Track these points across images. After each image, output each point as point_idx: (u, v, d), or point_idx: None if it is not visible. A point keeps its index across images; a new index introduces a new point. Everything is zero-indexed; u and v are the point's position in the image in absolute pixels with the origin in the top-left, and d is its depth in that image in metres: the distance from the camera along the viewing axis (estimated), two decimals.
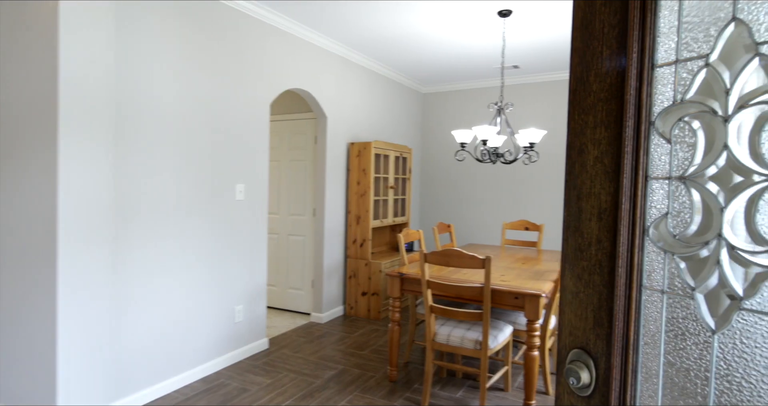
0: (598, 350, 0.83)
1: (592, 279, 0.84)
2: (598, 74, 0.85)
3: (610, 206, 0.82)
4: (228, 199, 3.23)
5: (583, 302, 0.86)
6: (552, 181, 5.30)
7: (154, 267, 2.72)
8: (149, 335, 2.71)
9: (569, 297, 0.88)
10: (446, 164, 5.99)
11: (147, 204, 2.66)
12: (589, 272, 0.85)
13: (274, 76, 3.60)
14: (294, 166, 4.63)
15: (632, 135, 0.79)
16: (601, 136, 0.84)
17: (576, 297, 0.87)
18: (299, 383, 2.97)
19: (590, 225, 0.85)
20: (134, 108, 2.57)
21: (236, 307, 3.33)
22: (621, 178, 0.79)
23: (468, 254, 2.48)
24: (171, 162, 2.80)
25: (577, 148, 0.88)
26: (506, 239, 4.56)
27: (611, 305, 0.81)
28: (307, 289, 4.54)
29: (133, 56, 2.55)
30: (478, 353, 2.55)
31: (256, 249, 3.50)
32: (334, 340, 3.79)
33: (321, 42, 4.06)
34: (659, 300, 0.75)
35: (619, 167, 0.81)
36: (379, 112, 5.14)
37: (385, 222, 4.73)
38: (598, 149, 0.85)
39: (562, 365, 0.89)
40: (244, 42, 3.31)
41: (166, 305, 2.80)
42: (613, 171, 0.82)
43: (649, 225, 0.77)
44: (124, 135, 2.52)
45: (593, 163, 0.85)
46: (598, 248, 0.83)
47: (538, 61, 4.75)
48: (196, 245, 2.99)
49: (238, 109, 3.28)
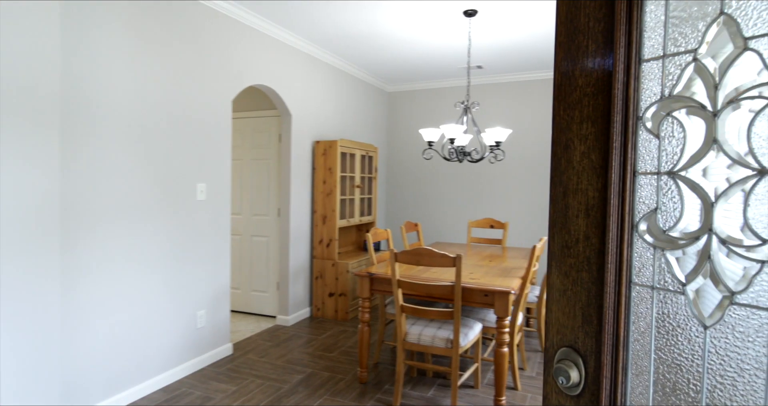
0: (587, 348, 0.82)
1: (580, 276, 0.83)
2: (583, 69, 0.84)
3: (598, 202, 0.81)
4: (189, 199, 3.09)
5: (571, 300, 0.84)
6: (515, 179, 5.41)
7: (109, 272, 2.56)
8: (104, 344, 2.54)
9: (556, 295, 0.87)
10: (412, 163, 5.99)
11: (101, 205, 2.49)
12: (577, 269, 0.83)
13: (237, 71, 3.48)
14: (257, 165, 4.50)
15: (620, 130, 0.78)
16: (587, 131, 0.83)
17: (563, 295, 0.86)
18: (266, 388, 2.87)
19: (577, 222, 0.84)
20: (85, 103, 2.40)
21: (198, 312, 3.19)
22: (609, 173, 0.79)
23: (439, 252, 2.47)
24: (127, 160, 2.64)
25: (563, 143, 0.87)
26: (471, 237, 4.60)
27: (600, 302, 0.80)
28: (272, 291, 4.42)
29: (83, 48, 2.39)
30: (449, 351, 2.54)
31: (219, 251, 3.37)
32: (301, 343, 3.71)
33: (286, 38, 3.96)
34: (649, 296, 0.75)
35: (607, 163, 0.80)
36: (344, 110, 5.08)
37: (351, 222, 4.67)
38: (584, 145, 0.84)
39: (549, 364, 0.88)
40: (206, 36, 3.17)
41: (122, 312, 2.64)
42: (600, 166, 0.81)
43: (638, 221, 0.77)
44: (74, 131, 2.35)
45: (580, 159, 0.84)
46: (586, 244, 0.82)
47: (501, 61, 4.82)
48: (155, 247, 2.84)
49: (199, 106, 3.14)
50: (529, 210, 5.36)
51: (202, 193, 3.19)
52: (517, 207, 5.42)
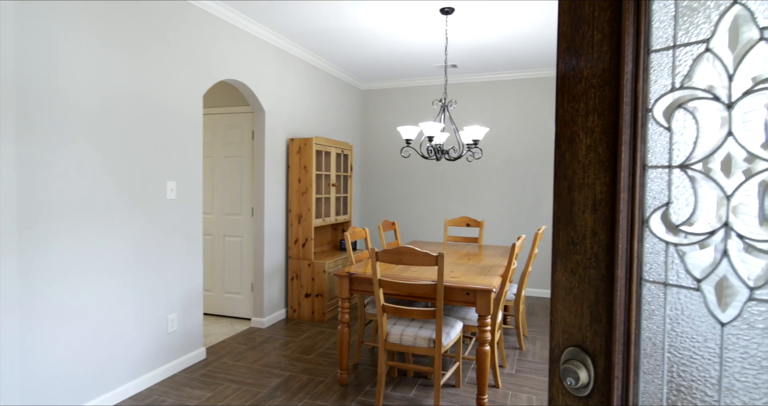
0: (595, 347, 0.79)
1: (588, 273, 0.81)
2: (589, 60, 0.82)
3: (606, 197, 0.78)
4: (158, 198, 2.95)
5: (578, 298, 0.82)
6: (489, 178, 5.45)
7: (73, 274, 2.40)
8: (68, 350, 2.39)
9: (562, 293, 0.84)
10: (386, 162, 5.96)
11: (62, 204, 2.34)
12: (584, 266, 0.81)
13: (208, 65, 3.35)
14: (229, 162, 4.36)
15: (630, 123, 0.76)
16: (594, 124, 0.81)
17: (570, 293, 0.83)
18: (243, 394, 2.77)
19: (584, 217, 0.81)
20: (43, 96, 2.25)
21: (169, 315, 3.05)
22: (618, 167, 0.76)
23: (421, 251, 2.44)
24: (91, 157, 2.50)
25: (568, 137, 0.84)
26: (448, 236, 4.60)
27: (610, 299, 0.78)
28: (246, 293, 4.29)
29: (41, 37, 2.23)
30: (431, 351, 2.51)
31: (191, 252, 3.24)
32: (277, 345, 3.61)
33: (259, 32, 3.84)
34: (661, 293, 0.73)
35: (615, 156, 0.78)
36: (318, 107, 4.99)
37: (327, 221, 4.60)
38: (590, 138, 0.81)
39: (555, 364, 0.85)
40: (175, 28, 3.03)
41: (88, 316, 2.49)
42: (608, 160, 0.78)
43: (648, 216, 0.75)
44: (32, 127, 2.19)
45: (586, 153, 0.81)
46: (594, 240, 0.80)
47: (476, 61, 4.84)
48: (123, 248, 2.69)
49: (169, 100, 3.01)
50: (503, 209, 5.41)
51: (172, 192, 3.06)
52: (492, 206, 5.46)
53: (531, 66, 5.04)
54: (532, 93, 5.26)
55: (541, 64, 4.94)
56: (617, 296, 0.76)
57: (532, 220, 5.29)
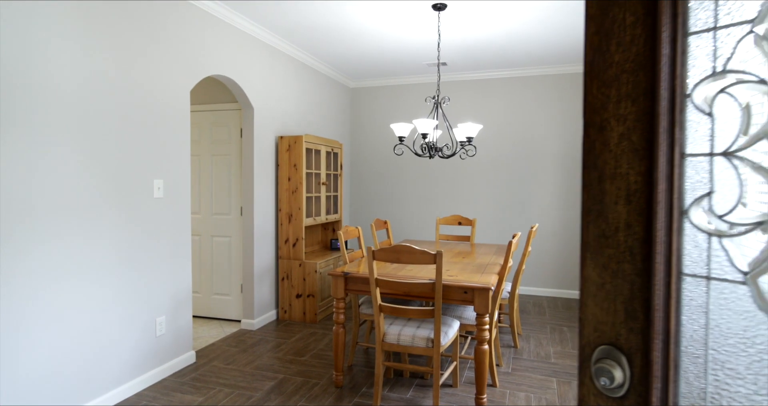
0: (631, 345, 0.76)
1: (622, 268, 0.77)
2: (620, 43, 0.78)
3: (642, 187, 0.75)
4: (145, 196, 2.85)
5: (611, 294, 0.78)
6: (479, 177, 5.44)
7: (56, 276, 2.30)
8: (52, 356, 2.28)
9: (593, 289, 0.80)
10: (376, 161, 5.90)
11: (43, 204, 2.24)
12: (618, 261, 0.77)
13: (195, 60, 3.25)
14: (216, 161, 4.26)
15: (668, 109, 0.72)
16: (627, 111, 0.77)
17: (601, 289, 0.79)
18: (236, 398, 2.70)
19: (617, 209, 0.77)
20: (21, 89, 2.14)
21: (158, 318, 2.95)
22: (655, 155, 0.72)
23: (419, 249, 2.39)
24: (74, 154, 2.39)
25: (598, 125, 0.80)
26: (440, 234, 4.57)
27: (647, 295, 0.74)
28: (236, 294, 4.20)
29: (17, 30, 2.12)
30: (429, 351, 2.47)
31: (179, 253, 3.14)
32: (269, 347, 3.53)
33: (247, 27, 3.76)
34: (703, 288, 0.69)
35: (651, 144, 0.74)
36: (307, 105, 4.91)
37: (318, 220, 4.53)
38: (623, 125, 0.77)
39: (586, 364, 0.81)
40: (162, 21, 2.93)
41: (72, 320, 2.38)
42: (643, 149, 0.75)
43: (688, 206, 0.71)
44: (8, 123, 2.09)
45: (618, 141, 0.78)
46: (628, 233, 0.76)
47: (467, 59, 4.82)
48: (108, 249, 2.59)
49: (155, 96, 2.91)
50: (493, 207, 5.41)
51: (159, 190, 2.96)
52: (482, 204, 5.46)
53: (520, 64, 5.04)
54: (521, 92, 5.27)
55: (530, 62, 4.94)
56: (655, 291, 0.72)
57: (523, 218, 5.30)
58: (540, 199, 5.22)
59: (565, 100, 5.12)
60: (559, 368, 3.16)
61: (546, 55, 4.69)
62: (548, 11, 3.55)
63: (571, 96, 5.11)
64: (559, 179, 5.16)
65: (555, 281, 5.23)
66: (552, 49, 4.51)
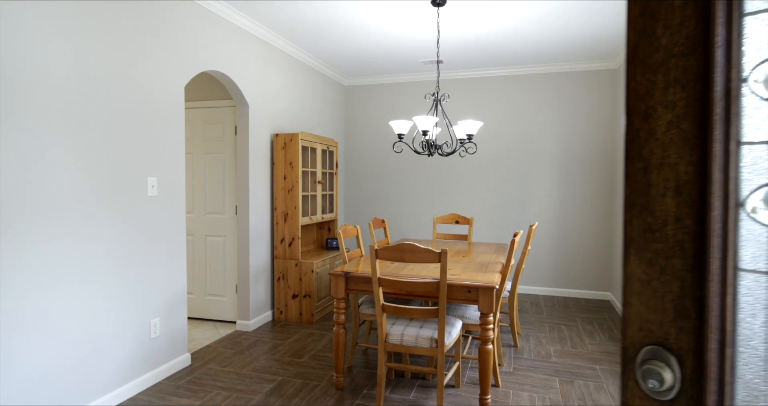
0: (682, 346, 0.71)
1: (670, 264, 0.73)
2: (668, 26, 0.74)
3: (693, 178, 0.71)
4: (139, 195, 2.77)
5: (658, 291, 0.74)
6: (476, 175, 5.41)
7: (47, 277, 2.21)
8: (43, 360, 2.19)
9: (637, 286, 0.76)
10: (371, 159, 5.85)
11: (33, 202, 2.15)
12: (666, 256, 0.73)
13: (191, 55, 3.17)
14: (210, 159, 4.17)
15: (723, 94, 0.68)
16: (675, 97, 0.73)
17: (647, 286, 0.75)
18: (234, 401, 2.62)
19: (664, 201, 0.73)
20: (13, 85, 2.05)
21: (152, 320, 2.87)
22: (710, 144, 0.68)
23: (423, 247, 2.35)
24: (65, 151, 2.30)
25: (642, 112, 0.76)
26: (437, 233, 4.54)
27: (699, 292, 0.70)
28: (231, 295, 4.12)
29: (8, 24, 2.03)
30: (433, 351, 2.43)
31: (174, 252, 3.06)
32: (266, 349, 3.46)
33: (242, 22, 3.68)
34: (763, 284, 0.65)
35: (703, 132, 0.70)
36: (302, 102, 4.84)
37: (314, 219, 4.46)
38: (671, 113, 0.73)
39: (630, 365, 0.77)
40: (156, 15, 2.85)
41: (64, 323, 2.29)
42: (694, 137, 0.71)
43: (745, 198, 0.67)
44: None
45: (666, 129, 0.73)
46: (677, 227, 0.72)
47: (462, 57, 4.79)
48: (101, 249, 2.51)
49: (149, 91, 2.82)
50: (490, 205, 5.38)
51: (153, 189, 2.88)
52: (479, 203, 5.43)
53: (518, 62, 5.02)
54: (519, 90, 5.25)
55: (528, 60, 4.93)
56: (711, 287, 0.68)
57: (521, 216, 5.28)
58: (537, 197, 5.21)
59: (563, 98, 5.11)
60: (561, 367, 3.14)
61: (545, 53, 4.67)
62: (548, 10, 3.53)
63: (570, 95, 5.10)
64: (557, 178, 5.15)
65: (551, 279, 5.22)
66: (551, 48, 4.49)
